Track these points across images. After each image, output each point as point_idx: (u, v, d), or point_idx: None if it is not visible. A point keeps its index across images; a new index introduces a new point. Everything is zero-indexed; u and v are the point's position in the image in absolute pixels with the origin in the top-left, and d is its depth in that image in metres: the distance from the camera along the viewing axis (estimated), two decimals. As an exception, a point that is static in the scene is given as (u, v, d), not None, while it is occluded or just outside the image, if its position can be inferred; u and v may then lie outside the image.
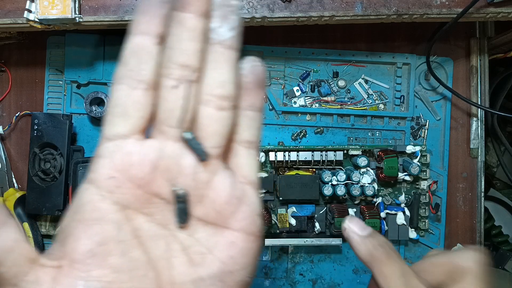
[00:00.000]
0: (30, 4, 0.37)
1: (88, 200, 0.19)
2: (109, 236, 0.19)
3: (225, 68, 0.19)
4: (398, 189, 0.48)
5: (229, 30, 0.19)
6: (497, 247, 0.58)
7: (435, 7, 0.38)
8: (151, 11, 0.19)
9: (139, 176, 0.19)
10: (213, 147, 0.20)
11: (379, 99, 0.49)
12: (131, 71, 0.19)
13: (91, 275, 0.18)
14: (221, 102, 0.19)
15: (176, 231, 0.20)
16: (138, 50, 0.19)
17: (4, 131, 0.47)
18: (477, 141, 0.49)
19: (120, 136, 0.19)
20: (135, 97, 0.19)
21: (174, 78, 0.19)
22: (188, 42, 0.19)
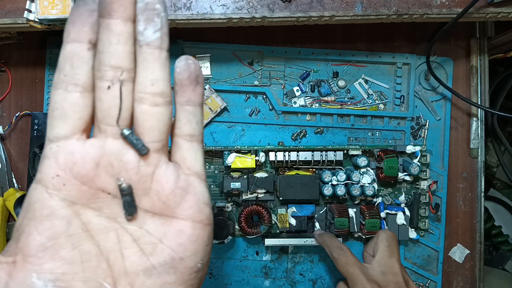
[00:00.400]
0: (30, 4, 0.37)
1: (37, 199, 0.20)
2: (59, 230, 0.20)
3: (156, 67, 0.21)
4: (398, 189, 0.48)
5: (154, 32, 0.20)
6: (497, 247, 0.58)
7: (435, 7, 0.38)
8: (80, 20, 0.20)
9: (82, 173, 0.20)
10: (152, 141, 0.21)
11: (379, 99, 0.49)
12: (66, 76, 0.20)
13: (44, 268, 0.19)
14: (154, 99, 0.21)
15: (126, 223, 0.22)
16: (71, 56, 0.20)
17: (4, 131, 0.47)
18: (477, 141, 0.49)
19: (61, 137, 0.20)
20: (71, 100, 0.20)
21: (107, 80, 0.20)
22: (116, 45, 0.20)
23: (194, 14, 0.38)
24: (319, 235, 0.45)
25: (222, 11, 0.38)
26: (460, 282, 0.49)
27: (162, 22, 0.21)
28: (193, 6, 0.38)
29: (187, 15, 0.38)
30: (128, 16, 0.20)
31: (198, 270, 0.22)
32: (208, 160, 0.48)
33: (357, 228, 0.46)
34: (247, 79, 0.49)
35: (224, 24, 0.39)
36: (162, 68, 0.21)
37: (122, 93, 0.20)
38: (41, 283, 0.19)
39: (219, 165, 0.48)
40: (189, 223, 0.22)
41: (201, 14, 0.38)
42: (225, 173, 0.47)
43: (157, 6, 0.20)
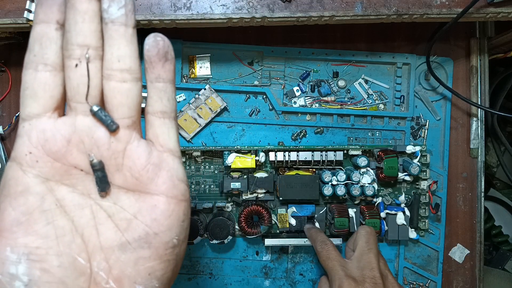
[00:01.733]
0: (30, 4, 0.37)
1: (11, 176, 0.21)
2: (33, 206, 0.21)
3: (122, 44, 0.21)
4: (398, 189, 0.48)
5: (118, 9, 0.21)
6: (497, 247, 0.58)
7: (435, 7, 0.38)
8: (48, 1, 0.20)
9: (54, 149, 0.21)
10: (122, 118, 0.21)
11: (379, 99, 0.49)
12: (35, 56, 0.21)
13: (18, 242, 0.20)
14: (122, 75, 0.21)
15: (100, 200, 0.22)
16: (40, 37, 0.21)
17: (4, 131, 0.47)
18: (477, 141, 0.49)
19: (33, 115, 0.21)
20: (41, 79, 0.21)
21: (74, 58, 0.20)
22: (82, 24, 0.20)
23: (194, 14, 0.38)
24: (308, 228, 0.46)
25: (222, 11, 0.38)
26: (460, 282, 0.49)
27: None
28: (193, 6, 0.38)
29: (187, 15, 0.38)
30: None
31: (174, 246, 0.22)
32: (208, 160, 0.48)
33: (357, 228, 0.46)
34: (247, 79, 0.49)
35: (224, 24, 0.39)
36: (128, 45, 0.21)
37: (90, 71, 0.21)
38: (15, 256, 0.20)
39: (219, 165, 0.48)
40: (163, 198, 0.22)
41: (201, 14, 0.38)
42: (225, 173, 0.47)
43: None
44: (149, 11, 0.38)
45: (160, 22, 0.39)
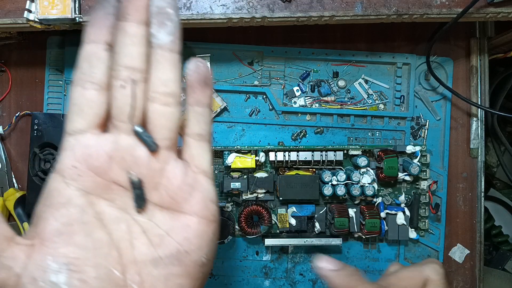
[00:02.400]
0: (30, 4, 0.37)
1: (55, 187, 0.22)
2: (74, 218, 0.21)
3: (167, 68, 0.22)
4: (398, 189, 0.48)
5: (167, 35, 0.22)
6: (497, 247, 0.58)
7: (435, 7, 0.38)
8: (98, 22, 0.22)
9: (96, 165, 0.22)
10: (162, 139, 0.22)
11: (379, 99, 0.49)
12: (84, 74, 0.22)
13: (58, 252, 0.21)
14: (166, 99, 0.22)
15: (136, 215, 0.23)
16: (89, 56, 0.22)
17: (4, 131, 0.47)
18: (477, 141, 0.49)
19: (78, 131, 0.22)
20: (88, 97, 0.22)
21: (121, 79, 0.21)
22: (131, 46, 0.21)
23: (194, 14, 0.38)
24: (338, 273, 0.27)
25: (222, 11, 0.38)
26: (460, 282, 0.49)
27: (174, 26, 0.22)
28: (193, 6, 0.38)
29: (187, 15, 0.38)
30: (141, 19, 0.21)
31: (203, 265, 0.23)
32: (208, 160, 0.48)
33: (357, 228, 0.46)
34: (247, 79, 0.49)
35: (224, 24, 0.39)
36: (173, 70, 0.22)
37: (135, 92, 0.22)
38: (56, 265, 0.20)
39: (219, 165, 0.48)
40: (195, 218, 0.23)
41: (201, 14, 0.38)
42: (225, 173, 0.47)
43: (169, 11, 0.22)
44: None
45: (160, 22, 0.39)
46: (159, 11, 0.22)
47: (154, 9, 0.22)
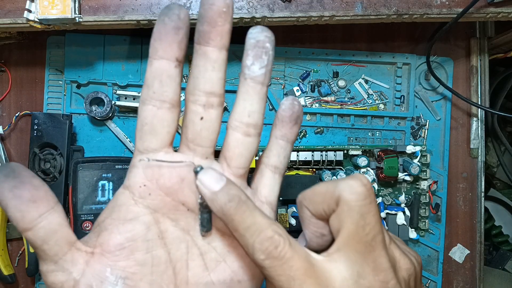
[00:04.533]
0: (30, 4, 0.37)
1: (123, 203, 0.22)
2: (138, 234, 0.22)
3: (255, 100, 0.22)
4: (398, 189, 0.48)
5: (260, 68, 0.22)
6: (497, 247, 0.58)
7: (435, 7, 0.38)
8: (167, 37, 0.21)
9: (167, 185, 0.22)
10: (237, 167, 0.23)
11: (379, 99, 0.49)
12: (155, 93, 0.21)
13: (117, 265, 0.21)
14: (248, 129, 0.22)
15: (197, 237, 0.23)
16: (160, 74, 0.21)
17: (4, 131, 0.47)
18: (477, 141, 0.49)
19: (151, 150, 0.22)
20: (160, 116, 0.22)
21: (200, 104, 0.22)
22: (211, 72, 0.21)
23: (195, 14, 0.38)
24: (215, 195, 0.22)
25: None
26: (460, 282, 0.49)
27: (269, 60, 0.22)
28: (193, 6, 0.38)
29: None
30: (224, 45, 0.22)
31: None
32: (208, 160, 0.48)
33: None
34: (247, 79, 0.49)
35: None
36: (260, 102, 0.22)
37: (212, 117, 0.22)
38: (113, 278, 0.21)
39: (219, 165, 0.48)
40: None
41: (201, 14, 0.38)
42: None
43: (267, 45, 0.22)
44: (149, 11, 0.38)
45: (160, 22, 0.39)
46: (257, 44, 0.22)
47: (251, 41, 0.22)
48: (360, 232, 0.20)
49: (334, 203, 0.21)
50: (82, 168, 0.44)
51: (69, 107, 0.48)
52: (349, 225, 0.20)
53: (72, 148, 0.45)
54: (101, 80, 0.47)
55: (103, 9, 0.38)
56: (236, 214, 0.20)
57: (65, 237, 0.20)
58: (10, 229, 0.47)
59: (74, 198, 0.44)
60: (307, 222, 0.23)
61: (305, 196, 0.24)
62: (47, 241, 0.20)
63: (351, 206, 0.20)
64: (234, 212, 0.20)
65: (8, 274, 0.46)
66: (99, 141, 0.48)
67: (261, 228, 0.20)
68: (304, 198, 0.24)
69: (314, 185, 0.23)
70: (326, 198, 0.22)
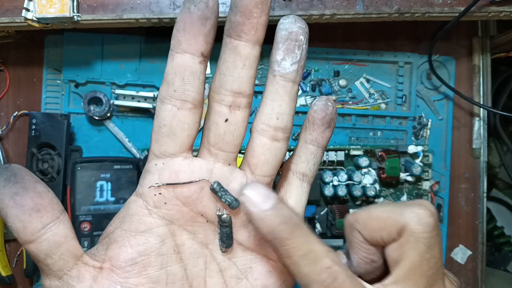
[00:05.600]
0: (28, 3, 0.36)
1: (135, 212, 0.20)
2: (151, 248, 0.19)
3: (285, 100, 0.20)
4: (400, 189, 0.48)
5: (292, 64, 0.20)
6: (500, 248, 0.58)
7: (437, 6, 0.38)
8: (193, 29, 0.18)
9: (186, 194, 0.20)
10: (263, 175, 0.21)
11: (381, 99, 0.49)
12: (176, 92, 0.19)
13: (128, 282, 0.19)
14: (276, 133, 0.20)
15: (216, 252, 0.21)
16: (183, 70, 0.19)
17: (1, 131, 0.47)
18: (480, 141, 0.48)
19: (168, 154, 0.20)
20: (181, 117, 0.19)
21: (226, 105, 0.20)
22: (242, 70, 0.19)
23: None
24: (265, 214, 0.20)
25: (221, 10, 0.38)
26: (462, 283, 0.49)
27: (302, 54, 0.20)
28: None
29: (186, 13, 0.38)
30: (258, 39, 0.19)
31: None
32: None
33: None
34: (247, 79, 0.48)
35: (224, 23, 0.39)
36: (290, 103, 0.20)
37: (238, 119, 0.20)
38: None
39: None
40: (279, 265, 0.21)
41: (201, 12, 0.38)
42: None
43: (301, 38, 0.19)
44: (147, 10, 0.38)
45: (159, 21, 0.38)
46: (289, 36, 0.19)
47: (283, 33, 0.19)
48: (425, 265, 0.19)
49: (396, 232, 0.19)
50: (80, 168, 0.43)
51: (67, 107, 0.47)
52: (413, 257, 0.19)
53: (70, 148, 0.45)
54: (100, 79, 0.47)
55: (101, 7, 0.38)
56: (290, 239, 0.18)
57: (71, 250, 0.19)
58: (8, 229, 0.47)
59: (72, 199, 0.43)
60: (357, 247, 0.21)
61: (359, 219, 0.21)
62: (51, 255, 0.18)
63: (418, 238, 0.19)
64: (288, 236, 0.18)
65: (6, 275, 0.45)
66: (98, 141, 0.48)
67: (318, 257, 0.18)
68: (357, 221, 0.21)
69: (369, 208, 0.21)
70: (387, 226, 0.20)
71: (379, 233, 0.20)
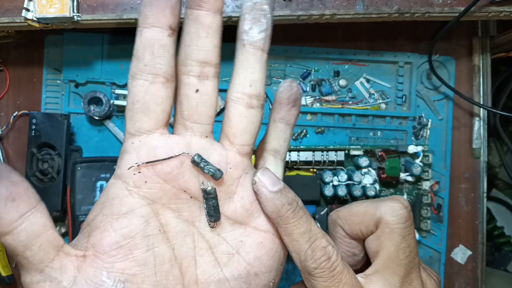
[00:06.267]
0: (28, 3, 0.36)
1: (115, 195, 0.19)
2: (135, 229, 0.19)
3: (256, 68, 0.21)
4: (400, 189, 0.48)
5: (259, 33, 0.20)
6: (500, 248, 0.58)
7: (437, 6, 0.38)
8: (159, 3, 0.19)
9: (166, 170, 0.19)
10: (243, 144, 0.21)
11: (381, 99, 0.49)
12: (146, 66, 0.19)
13: (115, 267, 0.18)
14: (251, 100, 0.20)
15: (203, 229, 0.20)
16: (151, 43, 0.19)
17: (1, 131, 0.47)
18: (480, 141, 0.48)
19: (143, 131, 0.19)
20: (153, 92, 0.19)
21: (194, 75, 0.20)
22: (205, 39, 0.19)
23: None
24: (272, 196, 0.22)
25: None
26: (462, 284, 0.49)
27: (268, 23, 0.20)
28: None
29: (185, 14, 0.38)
30: (218, 7, 0.20)
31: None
32: (208, 160, 0.47)
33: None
34: (247, 79, 0.48)
35: (224, 23, 0.39)
36: (262, 70, 0.21)
37: (208, 90, 0.20)
38: (111, 282, 0.18)
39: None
40: (270, 236, 0.21)
41: (201, 12, 0.38)
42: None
43: (265, 7, 0.20)
44: (148, 10, 0.38)
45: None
46: (254, 6, 0.20)
47: (248, 4, 0.20)
48: (401, 254, 0.20)
49: (373, 224, 0.21)
50: (80, 168, 0.43)
51: (67, 107, 0.47)
52: (390, 247, 0.20)
53: (70, 148, 0.45)
54: (100, 79, 0.47)
55: (101, 7, 0.38)
56: (293, 218, 0.20)
57: (51, 240, 0.18)
58: (8, 230, 0.47)
59: (72, 199, 0.43)
60: (339, 242, 0.23)
61: (340, 215, 0.23)
62: (30, 246, 0.17)
63: (393, 228, 0.20)
64: (291, 215, 0.20)
65: (6, 275, 0.45)
66: (98, 141, 0.48)
67: (316, 237, 0.20)
68: (338, 217, 0.23)
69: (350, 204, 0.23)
70: (365, 219, 0.21)
71: (358, 226, 0.22)
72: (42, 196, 0.45)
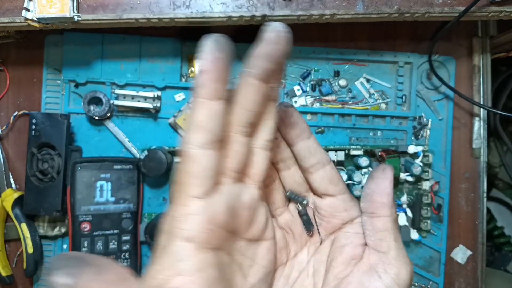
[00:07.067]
0: (28, 3, 0.37)
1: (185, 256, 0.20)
2: (212, 279, 0.20)
3: (274, 119, 0.23)
4: (400, 189, 0.48)
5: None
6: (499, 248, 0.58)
7: (437, 6, 0.38)
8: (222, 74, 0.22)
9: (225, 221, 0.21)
10: (261, 181, 0.23)
11: (381, 99, 0.49)
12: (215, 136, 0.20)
13: None
14: (269, 144, 0.23)
15: (235, 255, 0.23)
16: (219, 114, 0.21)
17: (1, 131, 0.47)
18: (480, 141, 0.48)
19: (208, 194, 0.21)
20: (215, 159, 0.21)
21: (241, 134, 0.22)
22: (255, 105, 0.22)
23: (194, 12, 0.38)
24: None
25: (221, 10, 0.38)
26: (462, 284, 0.49)
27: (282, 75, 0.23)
28: (192, 5, 0.38)
29: (186, 13, 0.38)
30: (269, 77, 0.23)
31: None
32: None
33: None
34: (247, 79, 0.48)
35: (224, 23, 0.39)
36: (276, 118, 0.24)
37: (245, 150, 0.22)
38: None
39: (219, 165, 0.47)
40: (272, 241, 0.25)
41: (201, 12, 0.38)
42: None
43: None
44: (147, 10, 0.38)
45: (159, 21, 0.38)
46: None
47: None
48: None
49: None
50: (80, 168, 0.43)
51: (67, 107, 0.47)
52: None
53: (70, 148, 0.45)
54: (100, 79, 0.47)
55: (101, 7, 0.38)
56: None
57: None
58: (8, 229, 0.47)
59: (72, 199, 0.43)
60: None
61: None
62: None
63: None
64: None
65: (6, 275, 0.45)
66: (98, 141, 0.48)
67: None
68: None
69: None
70: None
71: None
72: (42, 196, 0.45)
